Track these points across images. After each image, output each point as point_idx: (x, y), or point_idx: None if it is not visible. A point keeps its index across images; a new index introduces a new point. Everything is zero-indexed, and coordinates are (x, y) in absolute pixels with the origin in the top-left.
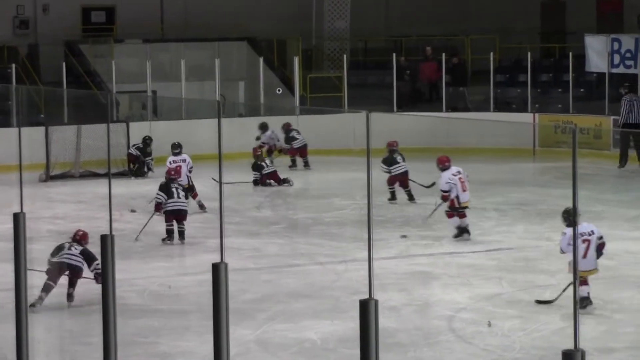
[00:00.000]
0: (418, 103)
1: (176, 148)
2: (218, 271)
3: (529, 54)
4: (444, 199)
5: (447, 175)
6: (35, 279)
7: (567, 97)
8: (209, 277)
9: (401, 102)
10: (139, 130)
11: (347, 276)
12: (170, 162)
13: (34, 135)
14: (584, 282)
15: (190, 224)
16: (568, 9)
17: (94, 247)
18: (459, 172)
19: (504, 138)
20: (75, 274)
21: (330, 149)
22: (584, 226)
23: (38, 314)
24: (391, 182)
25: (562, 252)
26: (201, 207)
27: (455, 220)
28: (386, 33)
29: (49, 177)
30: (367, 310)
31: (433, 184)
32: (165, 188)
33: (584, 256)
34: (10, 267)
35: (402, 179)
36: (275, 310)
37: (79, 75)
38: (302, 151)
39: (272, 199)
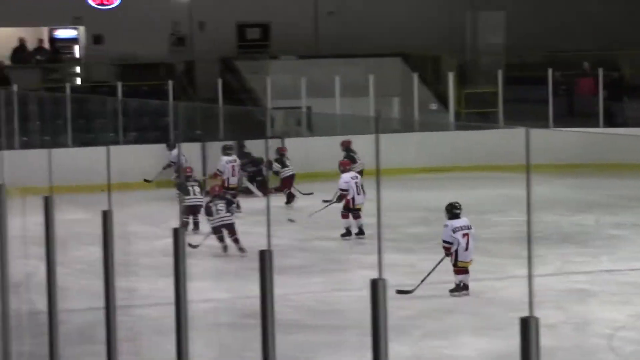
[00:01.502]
0: (574, 118)
1: (229, 149)
2: (377, 287)
3: None
4: (342, 197)
5: (346, 176)
6: None
7: None
8: (365, 293)
9: (557, 117)
10: (294, 146)
11: (503, 293)
12: (225, 163)
13: (190, 151)
14: (465, 271)
15: (344, 240)
16: None
17: (252, 262)
18: (357, 177)
19: None
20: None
21: (485, 165)
22: (463, 220)
23: (198, 330)
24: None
25: (448, 243)
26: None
27: (347, 221)
28: (542, 48)
29: (205, 193)
30: (527, 328)
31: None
32: (182, 186)
33: (466, 249)
34: (170, 282)
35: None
36: (431, 326)
37: (235, 91)
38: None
39: (424, 215)
